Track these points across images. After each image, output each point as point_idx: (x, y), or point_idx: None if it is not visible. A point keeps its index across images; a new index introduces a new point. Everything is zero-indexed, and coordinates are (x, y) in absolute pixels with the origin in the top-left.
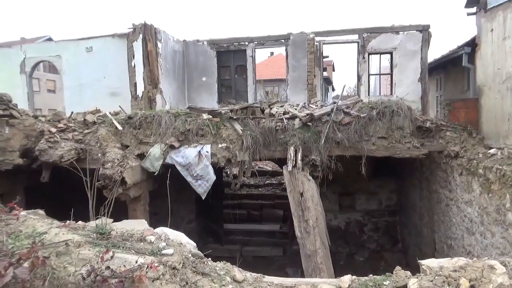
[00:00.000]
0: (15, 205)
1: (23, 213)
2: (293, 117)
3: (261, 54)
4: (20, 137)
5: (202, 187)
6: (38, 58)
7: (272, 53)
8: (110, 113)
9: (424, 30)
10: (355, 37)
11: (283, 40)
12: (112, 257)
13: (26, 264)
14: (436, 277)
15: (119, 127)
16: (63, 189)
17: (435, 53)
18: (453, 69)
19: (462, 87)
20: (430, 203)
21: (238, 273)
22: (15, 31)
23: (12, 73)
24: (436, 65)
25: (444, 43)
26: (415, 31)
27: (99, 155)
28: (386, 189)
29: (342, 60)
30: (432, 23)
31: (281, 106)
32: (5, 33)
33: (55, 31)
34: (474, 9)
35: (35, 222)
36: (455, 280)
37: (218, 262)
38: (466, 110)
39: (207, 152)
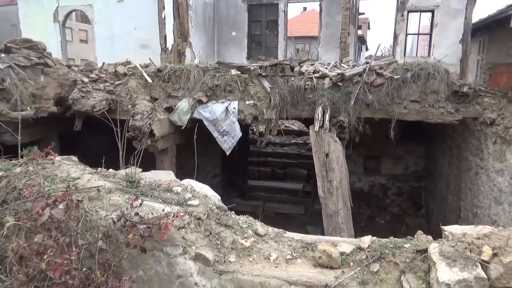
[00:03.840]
0: (51, 151)
1: (58, 158)
2: (323, 77)
3: (294, 9)
4: (55, 86)
5: (227, 143)
6: (71, 7)
7: (305, 9)
8: (140, 65)
9: None
10: None
11: None
12: (140, 204)
13: (61, 206)
14: (458, 243)
15: (149, 80)
16: (94, 138)
17: (480, 12)
18: (499, 31)
19: (507, 51)
20: (458, 171)
21: (260, 227)
22: None
23: (45, 21)
24: (480, 26)
25: (491, 2)
26: None
27: (129, 106)
28: (414, 154)
29: (379, 18)
30: None
31: (312, 65)
32: None
33: None
34: None
35: (69, 168)
36: (477, 247)
37: (241, 215)
38: (509, 75)
39: (234, 108)
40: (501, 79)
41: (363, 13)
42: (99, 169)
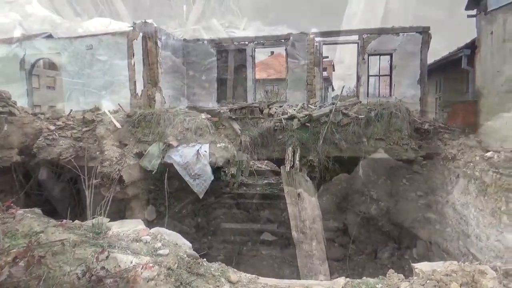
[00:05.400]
0: (12, 204)
1: (20, 211)
2: (292, 118)
3: (261, 53)
4: (19, 134)
5: (199, 186)
6: (38, 55)
7: (272, 53)
8: (109, 111)
9: (424, 32)
10: (355, 37)
11: (283, 40)
12: (107, 257)
13: (22, 263)
14: (428, 281)
15: (118, 126)
16: (61, 186)
17: (434, 55)
18: (452, 71)
19: (461, 90)
20: (427, 205)
21: (233, 274)
22: (16, 26)
23: (12, 70)
24: (435, 67)
25: (444, 45)
26: (415, 32)
27: (98, 153)
28: (384, 190)
29: (343, 60)
30: (432, 25)
31: (280, 107)
32: (5, 29)
33: (56, 28)
34: (474, 12)
35: (32, 221)
36: (446, 284)
37: (214, 262)
38: (465, 112)
39: (206, 151)
40: (458, 116)
41: (327, 57)
42: (64, 221)
